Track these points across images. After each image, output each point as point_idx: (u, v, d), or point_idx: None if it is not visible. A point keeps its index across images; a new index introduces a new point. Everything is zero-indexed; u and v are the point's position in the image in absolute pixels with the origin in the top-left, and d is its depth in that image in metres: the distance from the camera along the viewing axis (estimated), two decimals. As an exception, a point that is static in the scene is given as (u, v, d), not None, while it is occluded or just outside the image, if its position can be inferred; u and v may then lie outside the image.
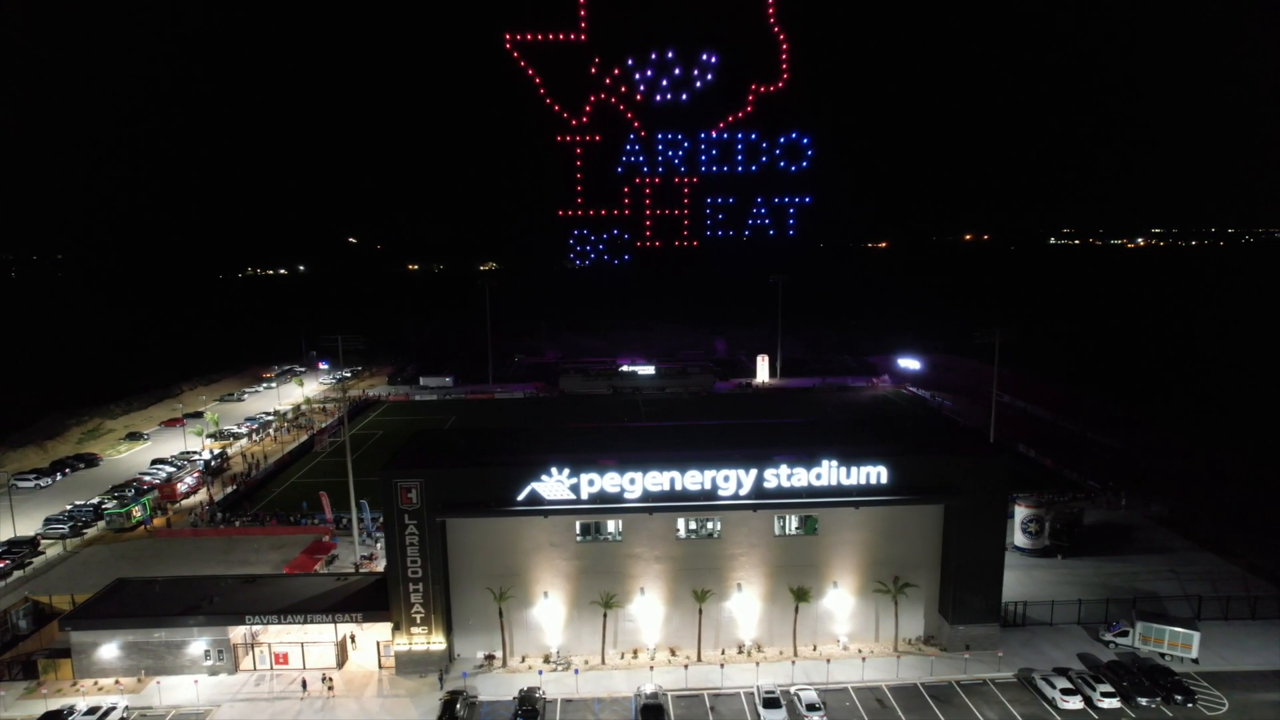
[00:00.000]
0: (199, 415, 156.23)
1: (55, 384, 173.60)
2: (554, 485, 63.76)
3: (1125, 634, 68.29)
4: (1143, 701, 59.77)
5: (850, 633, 69.81)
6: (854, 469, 64.86)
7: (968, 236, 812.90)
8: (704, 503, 65.00)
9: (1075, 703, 59.64)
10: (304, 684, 63.95)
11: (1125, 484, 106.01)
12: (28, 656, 67.78)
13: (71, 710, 59.54)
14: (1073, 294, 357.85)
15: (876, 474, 65.08)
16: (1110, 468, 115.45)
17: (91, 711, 58.64)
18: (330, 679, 64.75)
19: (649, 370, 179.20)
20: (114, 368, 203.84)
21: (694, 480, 64.21)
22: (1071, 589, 78.94)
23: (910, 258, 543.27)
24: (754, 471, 64.30)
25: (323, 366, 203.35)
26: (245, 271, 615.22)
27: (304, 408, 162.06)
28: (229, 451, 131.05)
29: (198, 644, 66.24)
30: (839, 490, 65.16)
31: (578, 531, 67.17)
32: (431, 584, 64.83)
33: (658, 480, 64.05)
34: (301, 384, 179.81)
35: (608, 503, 64.39)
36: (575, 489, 63.84)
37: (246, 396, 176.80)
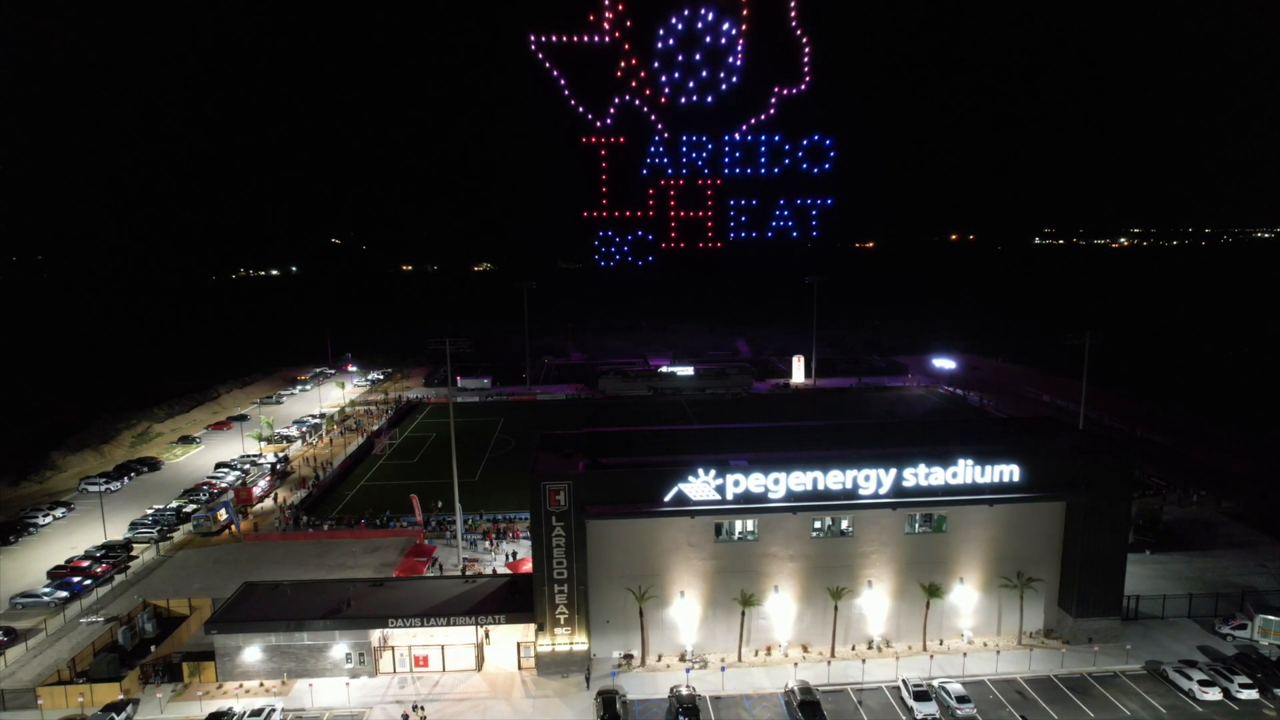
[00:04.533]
0: (243, 418, 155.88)
1: (93, 387, 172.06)
2: (700, 486, 64.88)
3: (1243, 627, 70.38)
4: (1279, 692, 61.84)
5: (974, 627, 71.44)
6: (988, 467, 66.53)
7: (954, 236, 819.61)
8: (845, 502, 66.39)
9: (1214, 694, 61.45)
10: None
11: (1194, 480, 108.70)
12: (165, 660, 68.01)
13: (230, 711, 59.91)
14: (1079, 293, 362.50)
15: (1009, 472, 66.80)
16: (1164, 464, 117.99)
17: (256, 714, 59.02)
18: (423, 709, 61.51)
19: (687, 371, 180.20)
20: (140, 370, 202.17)
21: (835, 480, 65.56)
22: (1167, 584, 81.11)
23: (902, 257, 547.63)
24: (893, 471, 65.75)
25: (351, 369, 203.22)
26: (237, 273, 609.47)
27: (348, 410, 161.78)
28: (289, 455, 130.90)
29: (339, 647, 66.68)
30: (973, 489, 66.81)
31: (714, 531, 68.28)
32: (576, 585, 65.70)
33: (800, 480, 65.35)
34: (343, 386, 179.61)
35: (752, 503, 65.62)
36: (721, 489, 65.00)
37: (284, 399, 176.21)
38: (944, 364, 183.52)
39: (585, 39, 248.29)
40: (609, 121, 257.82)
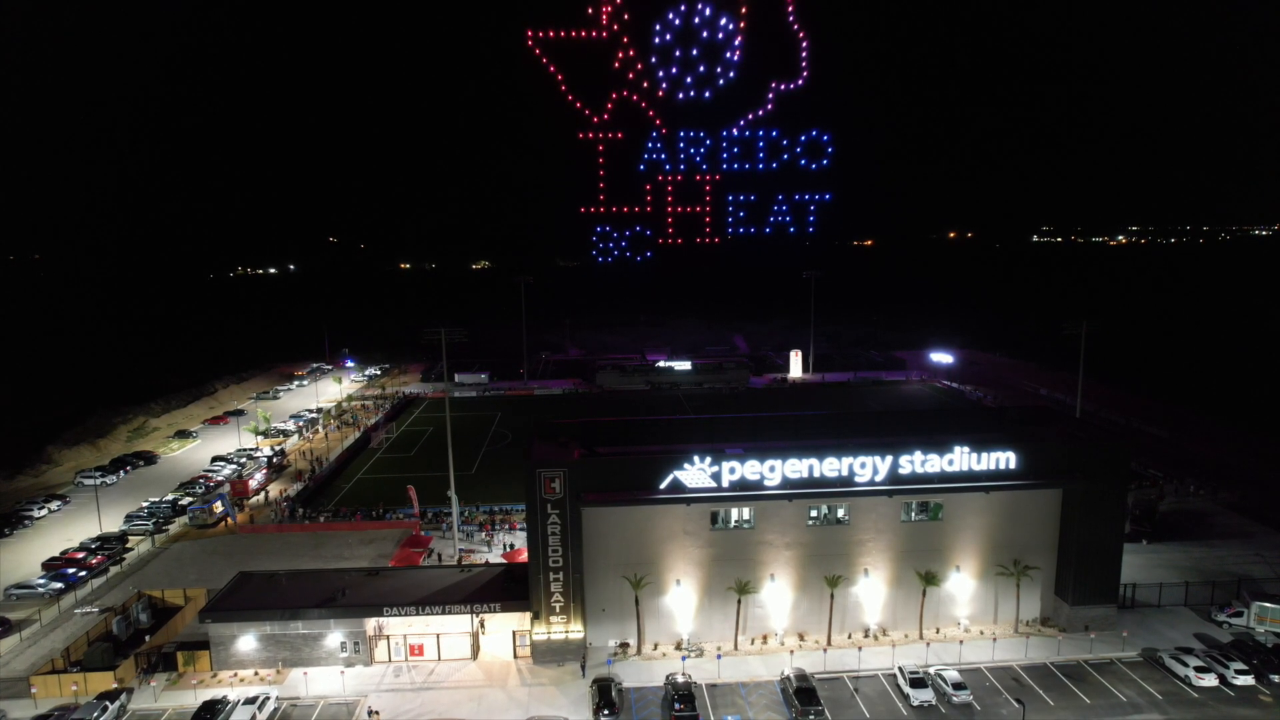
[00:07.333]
0: (240, 413, 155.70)
1: (90, 383, 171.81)
2: (696, 473, 64.72)
3: (1239, 614, 70.34)
4: (1275, 679, 61.75)
5: (970, 615, 71.34)
6: (984, 455, 66.39)
7: (951, 235, 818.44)
8: (841, 490, 66.24)
9: (1210, 680, 61.40)
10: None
11: (1192, 472, 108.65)
12: (159, 649, 67.81)
13: (224, 699, 59.67)
14: (1075, 290, 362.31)
15: (1005, 459, 66.66)
16: (1162, 457, 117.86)
17: (250, 702, 58.82)
18: (377, 714, 58.87)
19: (685, 366, 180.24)
20: (138, 366, 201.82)
21: (832, 467, 65.42)
22: (1165, 573, 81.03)
23: (900, 254, 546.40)
24: (889, 458, 65.63)
25: (348, 365, 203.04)
26: (235, 271, 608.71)
27: (345, 405, 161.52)
28: (285, 449, 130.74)
29: (334, 636, 66.50)
30: (969, 476, 66.66)
31: (710, 519, 68.11)
32: (571, 573, 65.53)
33: (796, 468, 65.20)
34: (340, 382, 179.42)
35: (747, 490, 65.46)
36: (717, 477, 64.85)
37: (282, 394, 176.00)
38: (941, 359, 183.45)
39: (582, 34, 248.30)
40: (606, 117, 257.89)
